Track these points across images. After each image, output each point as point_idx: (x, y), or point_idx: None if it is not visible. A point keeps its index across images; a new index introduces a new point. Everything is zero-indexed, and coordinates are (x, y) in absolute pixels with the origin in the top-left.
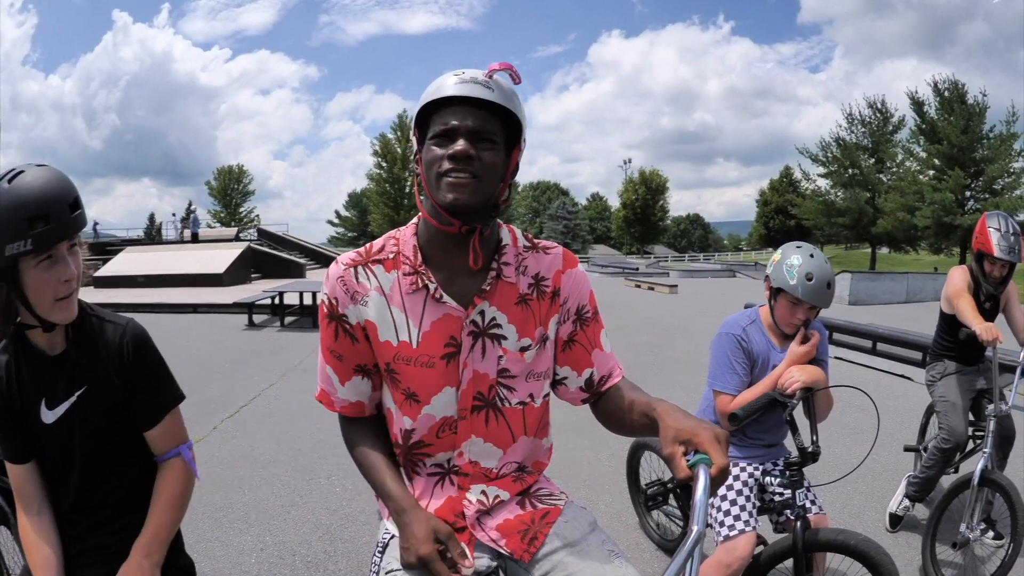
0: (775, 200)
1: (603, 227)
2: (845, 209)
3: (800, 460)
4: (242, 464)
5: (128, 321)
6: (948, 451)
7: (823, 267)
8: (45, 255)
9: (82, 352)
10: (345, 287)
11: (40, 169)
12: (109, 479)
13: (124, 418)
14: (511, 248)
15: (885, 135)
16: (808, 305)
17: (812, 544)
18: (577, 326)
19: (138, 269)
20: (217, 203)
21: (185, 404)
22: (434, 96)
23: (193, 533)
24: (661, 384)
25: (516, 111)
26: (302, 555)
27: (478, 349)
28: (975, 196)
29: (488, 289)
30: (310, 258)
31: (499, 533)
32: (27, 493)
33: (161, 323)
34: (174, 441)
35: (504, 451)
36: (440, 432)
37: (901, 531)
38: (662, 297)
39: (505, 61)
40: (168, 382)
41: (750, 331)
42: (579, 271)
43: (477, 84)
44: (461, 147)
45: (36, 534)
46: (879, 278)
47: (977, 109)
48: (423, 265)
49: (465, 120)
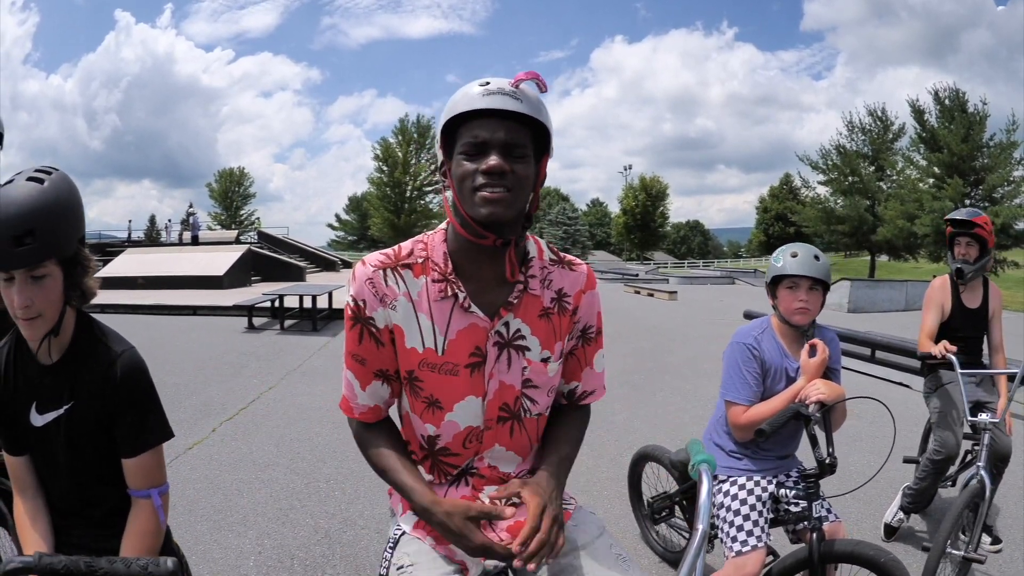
0: (775, 207)
1: (603, 233)
2: (845, 217)
3: (818, 472)
4: (241, 467)
5: (127, 349)
6: (940, 463)
7: (807, 247)
8: (4, 274)
9: (76, 366)
10: (374, 289)
11: (19, 187)
12: (93, 492)
13: (107, 439)
14: (537, 260)
15: (885, 143)
16: (806, 283)
17: (828, 555)
18: (579, 343)
19: (138, 271)
20: (218, 205)
21: (184, 406)
22: (463, 108)
23: (191, 535)
24: (660, 390)
25: (545, 121)
26: (300, 559)
27: (503, 360)
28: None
29: (515, 302)
30: (310, 261)
31: (509, 535)
32: (21, 479)
33: (161, 325)
34: (147, 480)
35: (524, 458)
36: (467, 442)
37: (896, 542)
38: (661, 303)
39: (531, 71)
40: (154, 417)
41: (762, 340)
42: (596, 292)
43: (505, 96)
44: (496, 162)
45: (29, 516)
46: (878, 286)
47: (978, 117)
48: (453, 274)
49: (496, 133)
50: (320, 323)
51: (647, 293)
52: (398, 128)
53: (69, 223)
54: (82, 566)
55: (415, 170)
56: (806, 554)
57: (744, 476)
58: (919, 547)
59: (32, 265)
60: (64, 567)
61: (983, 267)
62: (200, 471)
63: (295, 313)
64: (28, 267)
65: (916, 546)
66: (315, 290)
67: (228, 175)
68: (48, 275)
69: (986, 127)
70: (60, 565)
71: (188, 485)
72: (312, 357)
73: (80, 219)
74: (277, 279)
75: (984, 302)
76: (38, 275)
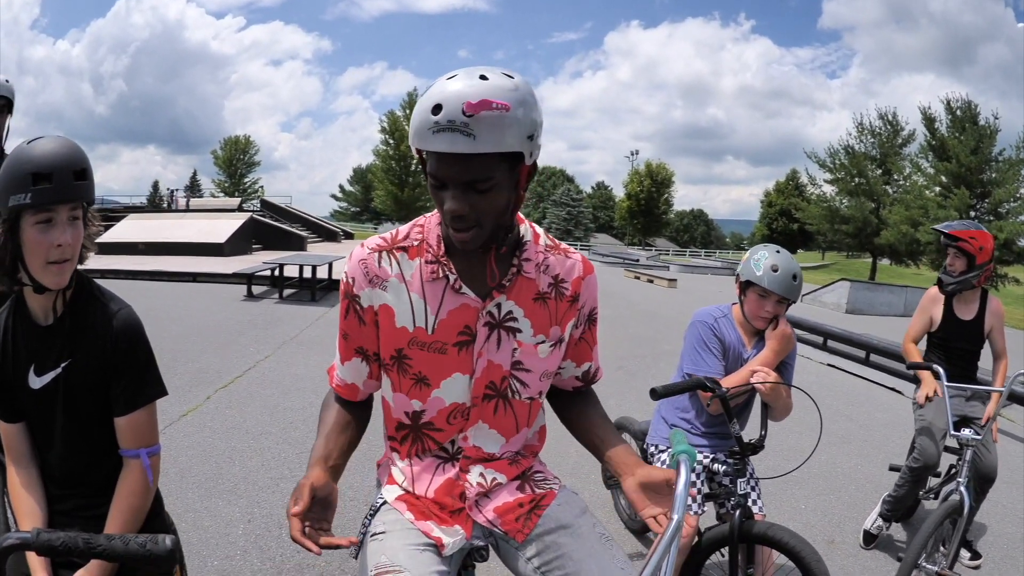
0: (780, 202)
1: (606, 216)
2: (849, 217)
3: (740, 450)
4: (234, 435)
5: (123, 307)
6: (918, 471)
7: (789, 261)
8: (43, 215)
9: (73, 325)
10: (366, 269)
11: (58, 138)
12: (90, 457)
13: (104, 399)
14: (532, 245)
15: (894, 147)
16: (776, 297)
17: (747, 534)
18: (586, 327)
19: (140, 236)
20: (222, 173)
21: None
22: (417, 142)
23: (181, 503)
24: (654, 378)
25: (510, 146)
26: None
27: (493, 340)
28: (979, 217)
29: (507, 284)
30: (312, 231)
31: (496, 514)
32: (16, 448)
33: (160, 291)
34: (138, 439)
35: (507, 440)
36: (451, 418)
37: (875, 550)
38: (660, 290)
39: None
40: (149, 375)
41: (722, 323)
42: (594, 276)
43: (455, 132)
44: (455, 207)
45: (23, 486)
46: (878, 289)
47: (988, 131)
48: (445, 256)
49: (452, 170)
50: (319, 293)
51: (647, 279)
52: (406, 102)
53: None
54: (80, 543)
55: None
56: (727, 531)
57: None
58: (897, 557)
59: (87, 198)
60: (62, 543)
61: (968, 281)
62: (193, 438)
63: (295, 283)
64: (85, 199)
65: (895, 555)
66: (315, 260)
67: (234, 143)
68: (79, 219)
69: (996, 141)
70: (58, 542)
71: (180, 452)
72: (310, 327)
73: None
74: (278, 248)
75: (980, 316)
76: (76, 215)
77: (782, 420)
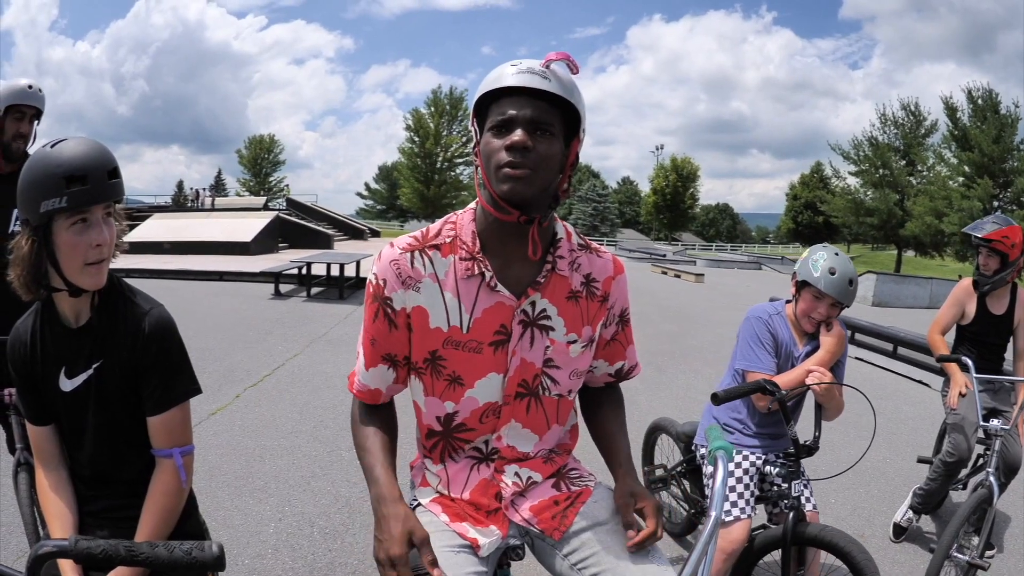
0: (804, 195)
1: (632, 212)
2: (874, 209)
3: (795, 452)
4: (264, 434)
5: (155, 306)
6: (951, 465)
7: (847, 265)
8: (79, 216)
9: (104, 325)
10: (398, 270)
11: (82, 139)
12: (121, 456)
13: (136, 398)
14: (565, 243)
15: (917, 138)
16: (830, 300)
17: (800, 536)
18: (619, 327)
19: (165, 235)
20: (247, 172)
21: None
22: (493, 86)
23: (212, 501)
24: (683, 374)
25: (575, 101)
26: (320, 526)
27: (527, 338)
28: (1003, 207)
29: (542, 281)
30: (338, 229)
31: (531, 513)
32: (46, 450)
33: (186, 290)
34: (170, 439)
35: (540, 437)
36: (484, 417)
37: (906, 542)
38: (688, 285)
39: (562, 51)
40: (183, 374)
41: (775, 320)
42: (624, 276)
43: (534, 74)
44: (519, 137)
45: (52, 489)
46: (904, 281)
47: (1010, 120)
48: (480, 252)
49: (523, 110)
50: (347, 291)
51: (674, 274)
52: (431, 99)
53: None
54: (122, 551)
55: (446, 141)
56: (781, 533)
57: (733, 450)
58: (927, 548)
59: (121, 196)
60: (103, 552)
61: (1002, 279)
62: (223, 436)
63: (322, 281)
64: (119, 198)
65: (925, 547)
66: (343, 258)
67: (258, 142)
68: (113, 214)
69: (1017, 130)
70: (98, 550)
71: (210, 450)
72: (338, 325)
73: None
74: (305, 246)
75: (1010, 309)
76: (109, 213)
77: (834, 420)
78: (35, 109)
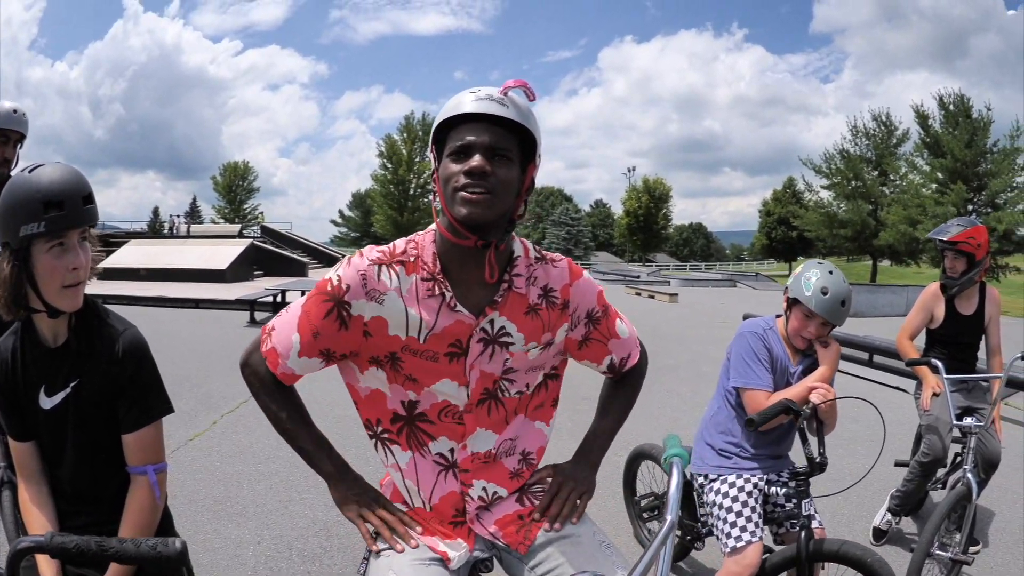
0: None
1: (606, 234)
2: (847, 221)
3: (808, 470)
4: (241, 459)
5: (129, 327)
6: (927, 465)
7: (840, 285)
8: (56, 241)
9: (81, 345)
10: (364, 281)
11: (59, 165)
12: (100, 474)
13: (113, 417)
14: (523, 259)
15: (889, 148)
16: (820, 320)
17: (817, 554)
18: (589, 327)
19: (142, 262)
20: (222, 199)
21: (186, 398)
22: (452, 113)
23: (192, 524)
24: (658, 394)
25: (531, 128)
26: (298, 549)
27: (486, 354)
28: (977, 210)
29: (499, 300)
30: (313, 257)
31: (497, 527)
32: (27, 466)
33: (163, 317)
34: (144, 456)
35: (499, 434)
36: (443, 415)
37: (887, 544)
38: (662, 305)
39: (519, 79)
40: (155, 393)
41: (769, 336)
42: (584, 279)
43: (492, 101)
44: (477, 163)
45: (34, 503)
46: (879, 291)
47: (982, 123)
48: (441, 274)
49: (481, 136)
50: None
51: (648, 295)
52: (403, 125)
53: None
54: (93, 545)
55: (419, 167)
56: (795, 552)
57: (734, 474)
58: (909, 549)
59: (96, 222)
60: (75, 546)
61: (970, 280)
62: (201, 462)
63: None
64: (94, 223)
65: (906, 548)
66: None
67: (232, 168)
68: (87, 240)
69: (990, 133)
70: (71, 545)
71: (189, 476)
72: None
73: None
74: (279, 274)
75: (980, 308)
76: (84, 237)
77: (829, 433)
78: (19, 134)
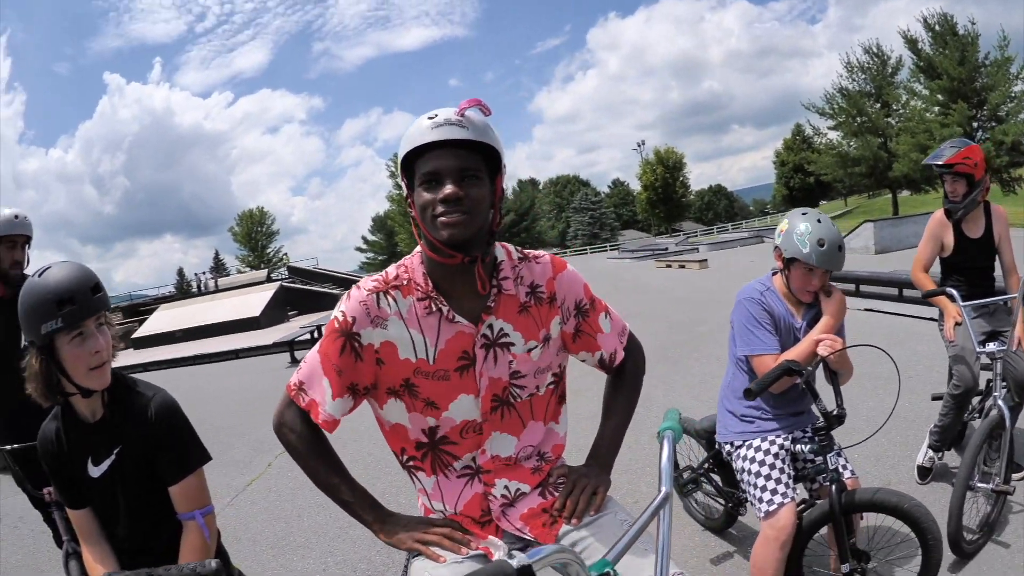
0: (791, 159)
1: (628, 212)
2: (860, 158)
3: (826, 424)
4: (299, 495)
5: (157, 391)
6: (959, 397)
7: (832, 231)
8: (75, 332)
9: (117, 416)
10: (367, 310)
11: (65, 264)
12: (153, 527)
13: (156, 474)
14: (507, 262)
15: (885, 78)
16: (822, 271)
17: (850, 506)
18: (579, 319)
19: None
20: (243, 248)
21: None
22: (415, 144)
23: (258, 563)
24: (697, 361)
25: (492, 143)
26: (363, 570)
27: (491, 359)
28: (982, 126)
29: (493, 305)
30: (343, 287)
31: (523, 522)
32: (86, 529)
33: (204, 373)
34: (190, 503)
35: (517, 438)
36: (464, 433)
37: (932, 482)
38: (692, 273)
39: (473, 98)
40: (192, 445)
41: (768, 297)
42: (568, 272)
43: (452, 126)
44: (450, 191)
45: (97, 561)
46: (901, 223)
47: (970, 38)
48: (434, 291)
49: (448, 162)
50: None
51: (678, 265)
52: None
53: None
54: (144, 574)
55: None
56: (828, 507)
57: (758, 438)
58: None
59: (107, 307)
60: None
61: (973, 201)
62: (260, 504)
63: None
64: (104, 310)
65: (951, 484)
66: None
67: (248, 216)
68: (104, 324)
69: (979, 47)
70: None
71: (251, 519)
72: None
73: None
74: (313, 310)
75: (988, 229)
76: (101, 322)
77: (846, 383)
78: (24, 236)
